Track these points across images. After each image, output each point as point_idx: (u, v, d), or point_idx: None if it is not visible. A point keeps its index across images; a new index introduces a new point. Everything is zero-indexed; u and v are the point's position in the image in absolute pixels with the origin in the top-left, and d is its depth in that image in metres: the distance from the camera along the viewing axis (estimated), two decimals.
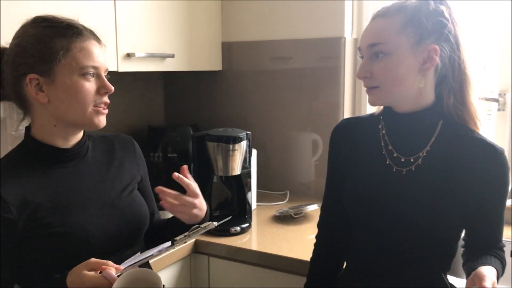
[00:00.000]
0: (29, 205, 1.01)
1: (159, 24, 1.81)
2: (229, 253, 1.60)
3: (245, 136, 1.72)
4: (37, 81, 1.02)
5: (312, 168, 2.08)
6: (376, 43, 1.07)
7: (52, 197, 1.05)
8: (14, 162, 1.07)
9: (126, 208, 1.15)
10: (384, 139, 1.17)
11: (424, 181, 1.11)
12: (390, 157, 1.15)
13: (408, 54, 1.06)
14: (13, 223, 0.99)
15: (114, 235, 1.10)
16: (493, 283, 0.97)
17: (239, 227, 1.69)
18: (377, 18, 1.10)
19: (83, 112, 1.05)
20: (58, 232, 1.02)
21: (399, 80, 1.08)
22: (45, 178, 1.07)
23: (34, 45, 1.02)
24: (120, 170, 1.20)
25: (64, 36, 1.02)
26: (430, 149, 1.12)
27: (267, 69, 2.10)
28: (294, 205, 1.91)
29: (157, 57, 1.80)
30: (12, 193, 1.00)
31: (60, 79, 1.02)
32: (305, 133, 2.07)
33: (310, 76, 2.02)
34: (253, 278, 1.57)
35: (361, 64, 1.11)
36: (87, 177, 1.13)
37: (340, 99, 1.97)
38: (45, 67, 1.01)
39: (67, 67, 1.02)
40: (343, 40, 1.93)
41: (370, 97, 1.13)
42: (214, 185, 1.80)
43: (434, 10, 1.06)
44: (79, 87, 1.03)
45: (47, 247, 1.02)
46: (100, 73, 1.07)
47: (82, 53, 1.03)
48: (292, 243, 1.59)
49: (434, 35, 1.06)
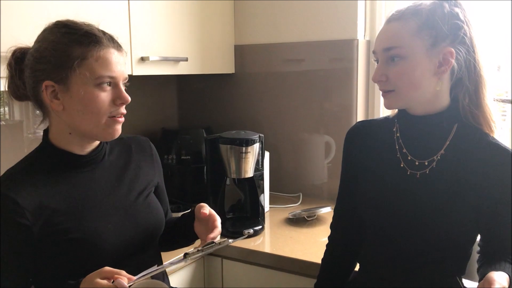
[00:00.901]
0: (45, 211, 1.01)
1: (172, 28, 1.82)
2: (242, 255, 1.60)
3: (257, 139, 1.73)
4: (52, 88, 1.02)
5: (325, 170, 2.08)
6: (391, 47, 1.07)
7: (67, 203, 1.05)
8: (30, 167, 1.07)
9: (142, 214, 1.15)
10: (398, 142, 1.17)
11: (438, 184, 1.10)
12: (404, 160, 1.15)
13: (423, 57, 1.05)
14: (29, 228, 0.99)
15: (129, 241, 1.10)
16: None
17: (252, 230, 1.69)
18: (391, 22, 1.09)
19: (97, 123, 1.03)
20: (73, 238, 1.02)
21: (415, 83, 1.07)
22: (61, 184, 1.06)
23: (52, 52, 1.00)
24: (137, 173, 1.19)
25: (81, 44, 1.00)
26: (444, 152, 1.11)
27: (279, 71, 2.11)
28: (307, 207, 1.91)
29: (170, 61, 1.82)
30: (28, 198, 1.00)
31: (74, 88, 1.01)
32: (318, 135, 2.07)
33: (322, 78, 2.02)
34: (266, 280, 1.58)
35: (376, 68, 1.11)
36: (103, 181, 1.12)
37: (353, 101, 1.96)
38: (61, 75, 1.00)
39: (82, 76, 1.00)
40: (356, 42, 1.92)
41: (386, 100, 1.12)
42: (227, 187, 1.80)
43: (449, 13, 1.05)
44: (93, 98, 1.01)
45: (62, 252, 1.02)
46: (118, 82, 1.04)
47: (99, 62, 1.00)
48: (305, 246, 1.59)
49: (450, 37, 1.05)
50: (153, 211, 1.18)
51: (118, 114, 1.06)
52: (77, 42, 1.01)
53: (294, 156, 2.13)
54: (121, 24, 1.61)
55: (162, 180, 1.29)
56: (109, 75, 1.02)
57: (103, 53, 1.02)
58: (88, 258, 1.02)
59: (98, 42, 1.02)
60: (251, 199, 1.82)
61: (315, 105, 2.05)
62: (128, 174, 1.18)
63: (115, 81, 1.04)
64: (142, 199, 1.17)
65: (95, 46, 1.01)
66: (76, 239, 1.02)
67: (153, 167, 1.25)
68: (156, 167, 1.26)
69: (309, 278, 1.48)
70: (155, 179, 1.24)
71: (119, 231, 1.08)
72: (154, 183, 1.24)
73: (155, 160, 1.27)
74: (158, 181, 1.26)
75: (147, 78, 2.05)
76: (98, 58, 1.01)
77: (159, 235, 1.20)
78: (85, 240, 1.03)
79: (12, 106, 1.69)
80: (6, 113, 1.67)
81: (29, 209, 0.99)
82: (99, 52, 1.01)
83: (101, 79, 1.01)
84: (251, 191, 1.82)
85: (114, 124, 1.06)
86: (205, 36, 1.98)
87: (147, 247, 1.16)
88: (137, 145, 1.24)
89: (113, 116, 1.05)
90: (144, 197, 1.18)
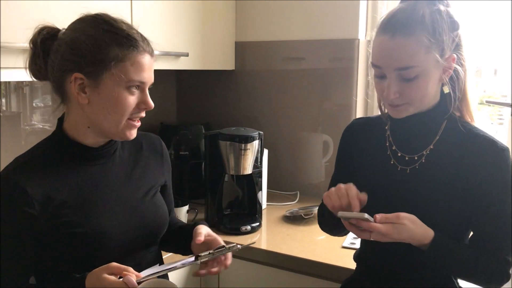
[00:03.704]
0: (53, 202, 1.01)
1: (173, 23, 1.82)
2: (239, 252, 1.58)
3: (257, 136, 1.73)
4: (81, 81, 1.01)
5: (323, 169, 2.08)
6: (407, 67, 1.03)
7: (76, 195, 1.05)
8: (41, 156, 1.06)
9: (147, 213, 1.14)
10: (389, 140, 1.18)
11: (428, 178, 1.11)
12: (394, 157, 1.16)
13: (434, 70, 1.05)
14: (36, 218, 0.99)
15: (133, 239, 1.10)
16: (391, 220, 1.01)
17: (249, 226, 1.69)
18: (398, 37, 1.02)
19: (118, 123, 1.04)
20: (78, 232, 1.02)
21: (427, 94, 1.08)
22: (71, 176, 1.06)
23: (89, 46, 1.00)
24: (146, 171, 1.19)
25: (121, 46, 1.01)
26: (433, 147, 1.12)
27: (279, 69, 2.11)
28: (304, 205, 1.92)
29: (171, 56, 1.81)
30: (37, 188, 1.00)
31: (105, 86, 1.01)
32: (316, 134, 2.07)
33: (322, 77, 2.02)
34: (263, 277, 1.58)
35: (388, 86, 1.06)
36: (112, 176, 1.12)
37: (352, 100, 1.97)
38: (94, 71, 1.00)
39: (116, 77, 1.00)
40: (356, 42, 1.93)
41: (395, 112, 1.10)
42: (225, 184, 1.80)
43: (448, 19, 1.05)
44: (122, 99, 1.02)
45: (66, 245, 1.02)
46: (145, 87, 1.06)
47: (134, 67, 1.01)
48: (302, 243, 1.60)
49: (451, 45, 1.06)
50: (158, 210, 1.18)
51: (137, 117, 1.07)
52: (117, 44, 1.01)
53: (292, 154, 2.14)
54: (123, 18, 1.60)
55: (170, 180, 1.28)
56: (140, 80, 1.03)
57: (139, 58, 1.02)
58: (91, 253, 1.02)
59: (137, 46, 1.02)
60: (249, 196, 1.83)
61: (314, 104, 2.05)
62: (137, 171, 1.17)
63: (143, 86, 1.05)
64: (149, 198, 1.17)
65: (134, 51, 1.02)
66: (81, 233, 1.02)
67: (162, 166, 1.25)
68: (165, 166, 1.26)
69: (305, 276, 1.49)
70: (163, 178, 1.24)
71: (124, 229, 1.08)
72: (161, 182, 1.23)
73: (165, 159, 1.27)
74: (166, 180, 1.26)
75: None
76: (134, 63, 1.02)
77: (162, 233, 1.20)
78: (89, 235, 1.03)
79: (9, 98, 1.68)
80: (3, 104, 1.66)
81: (37, 199, 0.99)
82: (136, 57, 1.02)
83: (132, 83, 1.02)
84: (249, 188, 1.82)
85: (131, 128, 1.07)
86: (206, 32, 1.97)
87: (149, 246, 1.16)
88: (148, 143, 1.24)
89: (132, 119, 1.06)
90: (150, 196, 1.17)
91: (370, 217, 1.02)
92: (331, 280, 1.44)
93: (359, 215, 1.03)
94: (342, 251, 1.52)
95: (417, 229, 1.04)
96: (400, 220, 1.02)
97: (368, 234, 1.03)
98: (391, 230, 1.02)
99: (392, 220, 1.02)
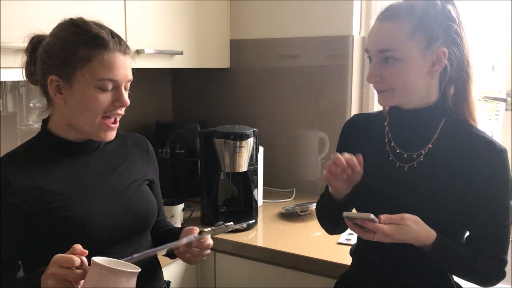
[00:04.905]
0: (37, 190, 1.04)
1: (168, 21, 1.82)
2: (235, 249, 1.61)
3: (252, 133, 1.73)
4: (57, 83, 1.05)
5: (319, 166, 2.09)
6: (386, 49, 1.07)
7: (60, 185, 1.07)
8: (27, 151, 1.11)
9: (133, 200, 1.16)
10: (388, 136, 1.19)
11: (426, 177, 1.12)
12: (393, 153, 1.17)
13: (418, 59, 1.07)
14: (18, 206, 1.02)
15: (119, 224, 1.11)
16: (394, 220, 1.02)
17: (246, 224, 1.69)
18: (385, 22, 1.08)
19: (92, 122, 1.07)
20: (63, 216, 1.04)
21: (409, 83, 1.09)
22: (56, 168, 1.09)
23: (60, 49, 1.04)
24: (131, 166, 1.21)
25: (87, 45, 1.03)
26: (431, 146, 1.13)
27: (275, 67, 2.11)
28: (300, 202, 1.92)
29: (166, 54, 1.82)
30: (20, 177, 1.03)
31: (76, 87, 1.04)
32: (312, 131, 2.08)
33: (317, 74, 2.02)
34: (259, 274, 1.58)
35: (370, 69, 1.11)
36: (96, 169, 1.14)
37: (348, 97, 1.97)
38: (66, 72, 1.04)
39: (84, 77, 1.03)
40: (351, 39, 1.93)
41: (381, 98, 1.13)
42: (221, 181, 1.81)
43: (442, 12, 1.06)
44: (92, 98, 1.04)
45: (51, 231, 1.04)
46: (119, 85, 1.07)
47: (102, 65, 1.03)
48: (298, 240, 1.60)
49: (442, 37, 1.06)
50: (145, 198, 1.19)
51: (114, 115, 1.09)
52: (84, 44, 1.04)
53: (288, 152, 2.14)
54: (116, 16, 1.61)
55: (157, 179, 1.30)
56: (111, 78, 1.05)
57: (108, 57, 1.04)
58: (77, 238, 1.03)
59: (105, 45, 1.04)
60: (245, 194, 1.83)
61: (309, 101, 2.05)
62: (122, 165, 1.19)
63: (117, 84, 1.07)
64: (135, 187, 1.19)
65: (101, 49, 1.04)
66: (65, 217, 1.04)
67: (148, 163, 1.26)
68: (151, 163, 1.28)
69: (301, 272, 1.49)
70: (149, 175, 1.25)
71: (109, 213, 1.10)
72: (147, 178, 1.24)
73: (150, 156, 1.28)
74: (153, 178, 1.27)
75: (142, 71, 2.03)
76: (102, 62, 1.04)
77: (151, 223, 1.21)
78: (74, 219, 1.05)
79: (5, 98, 1.68)
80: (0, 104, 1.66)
81: (20, 187, 1.02)
82: (104, 56, 1.04)
83: (102, 82, 1.04)
84: (244, 185, 1.82)
85: (106, 129, 1.09)
86: (201, 30, 1.97)
87: (138, 236, 1.17)
88: (133, 141, 1.26)
89: (107, 116, 1.07)
90: (136, 185, 1.19)
91: (375, 217, 1.02)
92: (327, 276, 1.44)
93: (365, 215, 1.03)
94: (337, 247, 1.53)
95: (420, 230, 1.05)
96: (404, 221, 1.03)
97: (372, 235, 1.04)
98: (395, 231, 1.02)
99: (397, 221, 1.03)
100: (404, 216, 1.04)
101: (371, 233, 1.04)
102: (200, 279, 1.70)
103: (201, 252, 1.14)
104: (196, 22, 1.94)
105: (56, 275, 0.89)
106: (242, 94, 2.20)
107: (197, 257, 1.15)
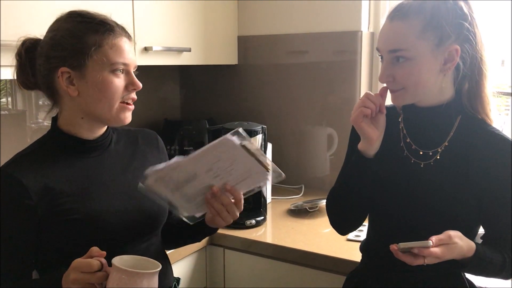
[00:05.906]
0: (50, 192, 1.04)
1: (176, 18, 1.82)
2: (244, 246, 1.61)
3: (260, 130, 1.73)
4: (68, 75, 1.05)
5: (327, 162, 2.08)
6: (396, 49, 1.06)
7: (72, 185, 1.07)
8: (38, 150, 1.10)
9: (145, 198, 1.15)
10: (403, 132, 1.18)
11: (443, 174, 1.11)
12: (408, 149, 1.16)
13: (429, 58, 1.05)
14: (32, 208, 1.02)
15: (131, 225, 1.11)
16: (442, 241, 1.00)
17: (254, 220, 1.70)
18: (395, 21, 1.07)
19: (110, 107, 1.07)
20: (75, 218, 1.04)
21: (422, 82, 1.08)
22: (68, 167, 1.09)
23: (68, 39, 1.04)
24: (142, 163, 1.20)
25: (97, 32, 1.04)
26: (448, 144, 1.12)
27: (282, 63, 2.10)
28: (309, 199, 1.92)
29: (174, 51, 1.82)
30: (33, 179, 1.03)
31: (90, 74, 1.05)
32: (321, 127, 2.07)
33: (326, 70, 2.01)
34: (268, 270, 1.59)
35: (382, 68, 1.10)
36: (108, 167, 1.14)
37: (356, 93, 1.96)
38: (77, 62, 1.04)
39: (98, 62, 1.04)
40: (359, 34, 1.92)
41: (394, 97, 1.12)
42: None
43: (453, 9, 1.05)
44: (108, 83, 1.05)
45: (65, 233, 1.04)
46: (130, 69, 1.09)
47: (113, 49, 1.05)
48: (307, 237, 1.60)
49: (454, 35, 1.05)
50: None
51: (129, 99, 1.10)
52: (93, 30, 1.05)
53: (297, 148, 2.14)
54: (125, 13, 1.61)
55: None
56: (123, 62, 1.07)
57: (117, 41, 1.06)
58: (90, 239, 1.03)
59: (113, 30, 1.06)
60: None
61: (318, 97, 2.05)
62: (134, 163, 1.19)
63: (127, 68, 1.08)
64: None
65: (110, 34, 1.06)
66: (78, 219, 1.05)
67: (159, 160, 1.25)
68: (163, 159, 1.27)
69: (310, 269, 1.49)
70: None
71: (122, 214, 1.10)
72: None
73: (162, 152, 1.28)
74: None
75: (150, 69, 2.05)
76: (113, 46, 1.05)
77: (162, 223, 1.21)
78: (86, 221, 1.05)
79: (15, 96, 1.69)
80: (9, 102, 1.67)
81: (33, 189, 1.02)
82: (114, 40, 1.06)
83: (115, 66, 1.06)
84: None
85: (125, 110, 1.10)
86: (209, 27, 1.97)
87: (150, 235, 1.17)
88: (143, 137, 1.26)
89: (124, 101, 1.09)
90: None
91: (430, 242, 1.00)
92: (336, 273, 1.44)
93: (423, 243, 0.99)
94: (347, 244, 1.53)
95: (464, 245, 1.03)
96: (452, 239, 1.01)
97: (423, 260, 1.01)
98: (446, 251, 1.00)
99: (446, 241, 1.01)
100: (451, 234, 1.02)
101: (421, 259, 1.01)
102: (209, 276, 1.71)
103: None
104: (203, 19, 1.94)
105: (78, 281, 0.91)
106: (250, 91, 2.20)
107: (228, 205, 1.11)
